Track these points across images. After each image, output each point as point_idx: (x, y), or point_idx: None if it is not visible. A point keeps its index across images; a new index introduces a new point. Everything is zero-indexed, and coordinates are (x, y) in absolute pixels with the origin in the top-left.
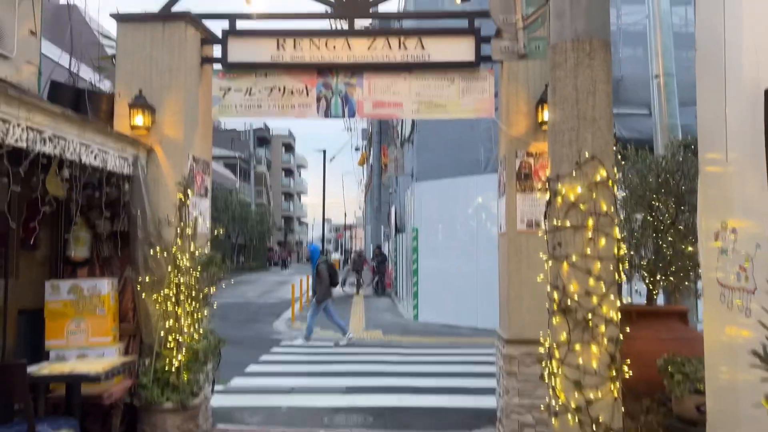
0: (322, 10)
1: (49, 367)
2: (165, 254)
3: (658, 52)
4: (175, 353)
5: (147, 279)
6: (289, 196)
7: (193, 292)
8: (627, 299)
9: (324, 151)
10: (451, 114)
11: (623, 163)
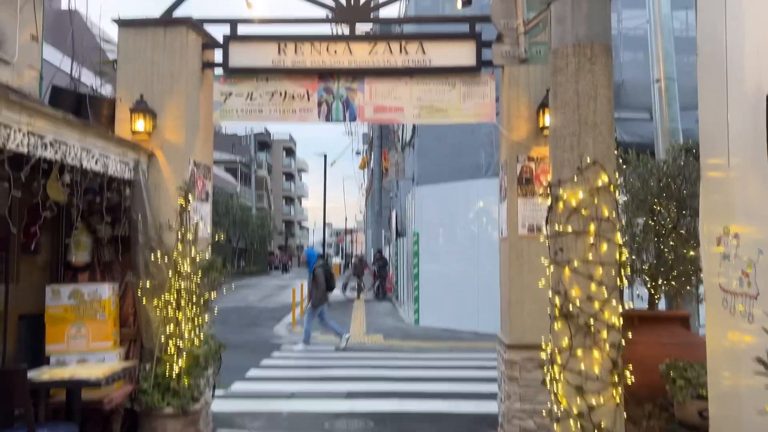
0: (323, 14)
1: (50, 372)
2: (166, 259)
3: (659, 57)
4: (175, 358)
5: (148, 284)
6: (290, 200)
7: (194, 297)
8: (629, 304)
9: (325, 156)
10: (452, 119)
11: (624, 167)
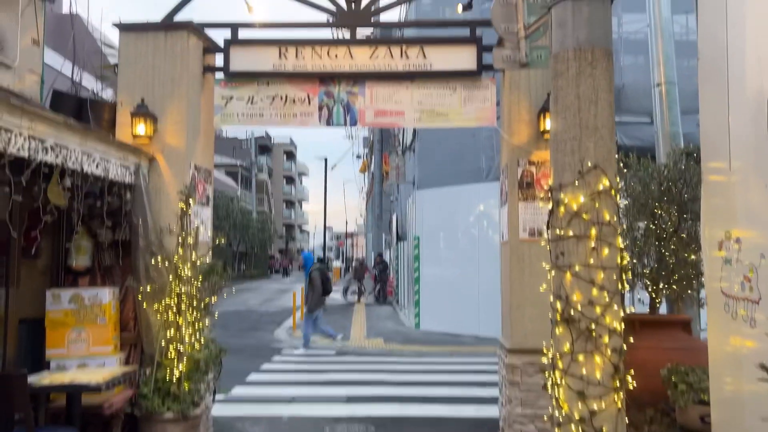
0: (324, 19)
1: (50, 377)
2: (166, 263)
3: (660, 61)
4: (176, 363)
5: (148, 288)
6: (291, 204)
7: (195, 302)
8: (630, 309)
9: (325, 159)
10: (452, 123)
11: (625, 171)
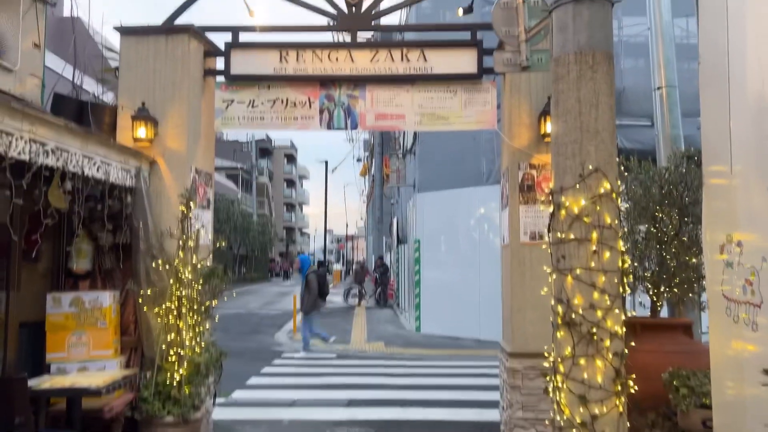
0: (325, 22)
1: (50, 381)
2: (167, 267)
3: (661, 64)
4: (176, 366)
5: (149, 292)
6: (291, 207)
7: (195, 305)
8: (631, 312)
9: (326, 162)
10: (453, 126)
11: (626, 174)
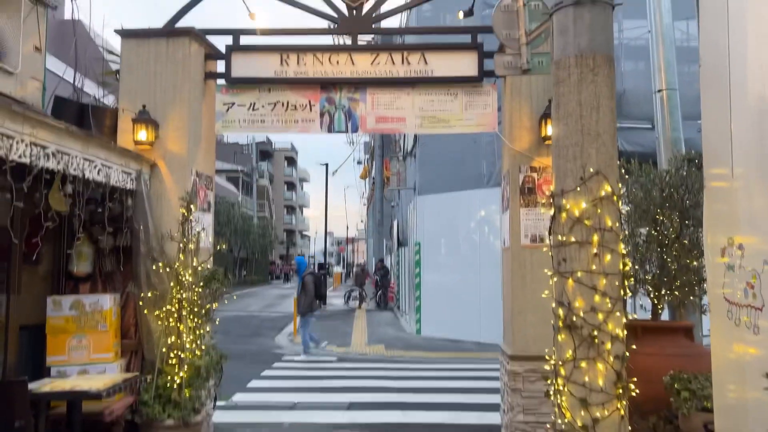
0: (326, 25)
1: (50, 384)
2: (167, 269)
3: (661, 67)
4: (177, 370)
5: (149, 294)
6: (291, 210)
7: (196, 308)
8: (632, 315)
9: (326, 165)
10: (454, 128)
11: (627, 177)
